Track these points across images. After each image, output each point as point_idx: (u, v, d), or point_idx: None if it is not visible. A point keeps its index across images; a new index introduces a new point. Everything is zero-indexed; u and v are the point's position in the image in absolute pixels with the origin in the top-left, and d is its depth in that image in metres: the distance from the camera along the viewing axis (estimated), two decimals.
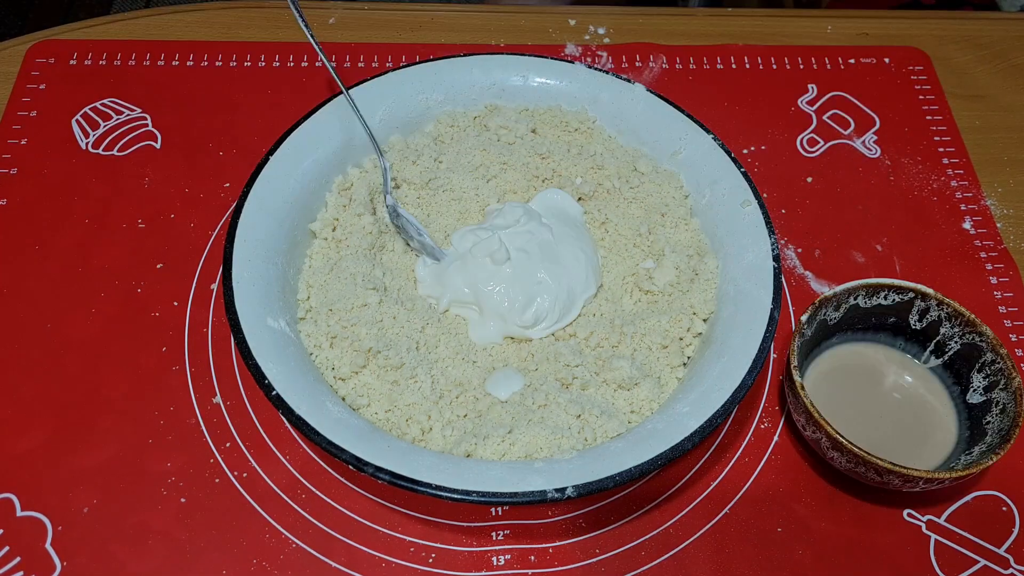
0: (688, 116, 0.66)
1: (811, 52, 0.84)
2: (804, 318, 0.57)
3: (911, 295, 0.59)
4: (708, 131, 0.65)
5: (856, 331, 0.62)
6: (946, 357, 0.60)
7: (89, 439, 0.58)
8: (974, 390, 0.58)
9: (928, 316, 0.60)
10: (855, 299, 0.59)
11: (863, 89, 0.82)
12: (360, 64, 0.80)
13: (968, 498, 0.59)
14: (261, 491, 0.56)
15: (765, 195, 0.73)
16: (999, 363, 0.56)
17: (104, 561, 0.53)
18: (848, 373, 0.61)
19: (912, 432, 0.59)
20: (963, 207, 0.74)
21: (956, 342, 0.59)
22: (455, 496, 0.46)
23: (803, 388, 0.55)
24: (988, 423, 0.56)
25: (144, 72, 0.77)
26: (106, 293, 0.64)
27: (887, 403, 0.60)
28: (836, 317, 0.60)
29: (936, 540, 0.57)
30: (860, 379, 0.61)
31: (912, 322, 0.60)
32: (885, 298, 0.60)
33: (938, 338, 0.60)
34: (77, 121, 0.74)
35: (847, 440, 0.53)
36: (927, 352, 0.61)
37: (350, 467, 0.49)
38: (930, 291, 0.59)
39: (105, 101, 0.75)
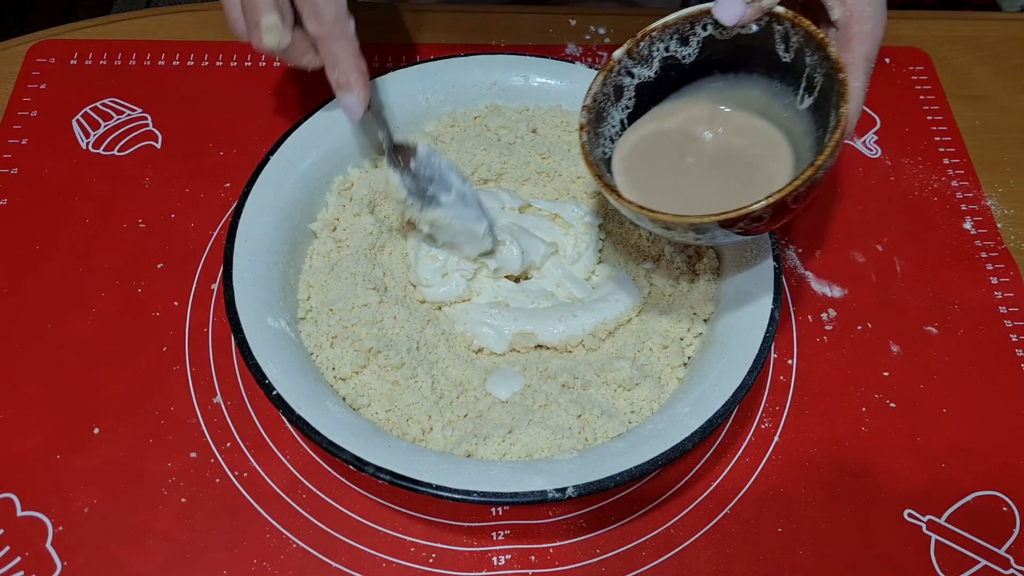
0: None
1: None
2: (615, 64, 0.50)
3: (766, 19, 0.49)
4: None
5: (716, 75, 0.53)
6: (816, 94, 0.50)
7: (89, 439, 0.58)
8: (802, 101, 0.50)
9: (791, 44, 0.50)
10: (702, 28, 0.51)
11: None
12: None
13: (968, 498, 0.59)
14: (261, 491, 0.56)
15: None
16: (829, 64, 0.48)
17: (104, 561, 0.53)
18: (659, 141, 0.53)
19: (741, 176, 0.52)
20: (963, 207, 0.74)
21: (819, 74, 0.49)
22: (455, 496, 0.46)
23: (621, 196, 0.47)
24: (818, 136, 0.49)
25: (144, 72, 0.77)
26: (106, 293, 0.64)
27: (708, 158, 0.53)
28: (690, 55, 0.52)
29: (936, 540, 0.57)
30: (673, 145, 0.53)
31: (781, 53, 0.51)
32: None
33: (807, 71, 0.50)
34: (77, 121, 0.74)
35: (659, 212, 0.46)
36: (802, 91, 0.51)
37: (350, 467, 0.49)
38: (781, 9, 0.49)
39: (105, 101, 0.75)
